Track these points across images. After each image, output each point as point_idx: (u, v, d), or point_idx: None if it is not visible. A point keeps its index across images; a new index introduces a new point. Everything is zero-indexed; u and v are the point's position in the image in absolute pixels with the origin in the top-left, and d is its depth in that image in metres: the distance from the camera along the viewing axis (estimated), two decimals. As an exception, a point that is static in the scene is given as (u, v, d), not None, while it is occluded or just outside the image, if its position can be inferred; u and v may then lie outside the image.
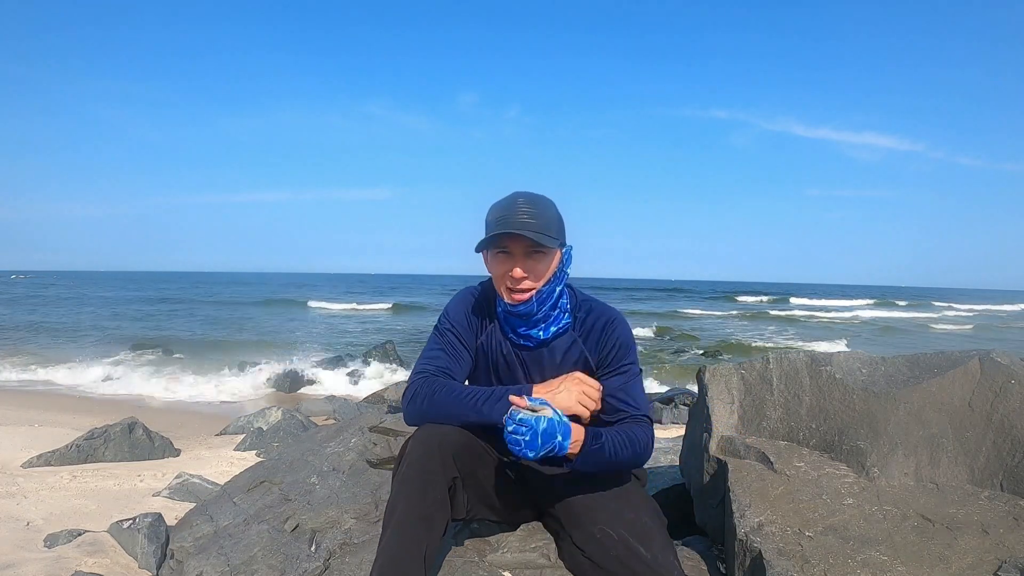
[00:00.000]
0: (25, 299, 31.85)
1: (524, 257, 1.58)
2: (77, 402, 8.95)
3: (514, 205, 1.57)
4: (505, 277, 1.60)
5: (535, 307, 1.62)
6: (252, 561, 2.00)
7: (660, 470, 2.72)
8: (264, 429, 5.77)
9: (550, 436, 1.42)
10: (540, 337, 1.68)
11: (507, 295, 1.62)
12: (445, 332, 1.72)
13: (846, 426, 1.96)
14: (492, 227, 1.58)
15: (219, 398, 9.66)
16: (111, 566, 2.45)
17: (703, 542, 2.01)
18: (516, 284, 1.58)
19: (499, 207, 1.60)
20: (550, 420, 1.43)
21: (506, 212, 1.57)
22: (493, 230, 1.56)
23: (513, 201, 1.59)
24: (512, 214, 1.55)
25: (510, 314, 1.66)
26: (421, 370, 1.66)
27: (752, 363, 2.18)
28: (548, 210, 1.61)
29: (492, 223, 1.58)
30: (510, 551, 1.75)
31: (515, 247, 1.57)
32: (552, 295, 1.64)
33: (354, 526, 2.06)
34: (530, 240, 1.54)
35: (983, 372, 1.97)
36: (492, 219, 1.59)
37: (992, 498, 1.77)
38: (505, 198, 1.62)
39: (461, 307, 1.75)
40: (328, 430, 3.17)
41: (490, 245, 1.59)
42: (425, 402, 1.58)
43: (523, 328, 1.68)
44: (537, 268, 1.59)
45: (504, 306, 1.66)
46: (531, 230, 1.54)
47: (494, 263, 1.62)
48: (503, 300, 1.65)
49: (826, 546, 1.58)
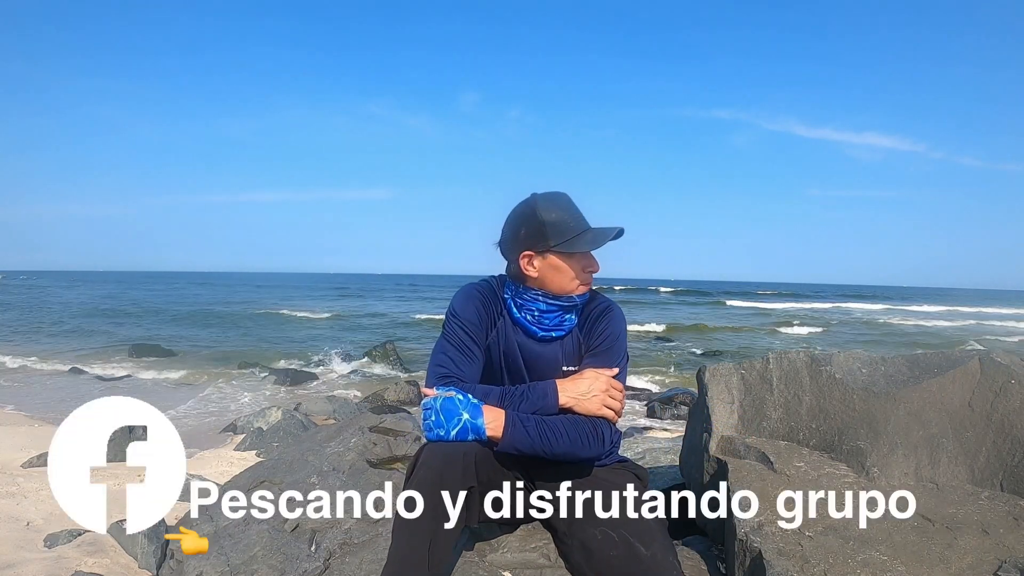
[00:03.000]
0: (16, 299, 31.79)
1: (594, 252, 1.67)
2: (77, 402, 8.93)
3: (576, 207, 1.66)
4: (581, 273, 1.65)
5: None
6: (252, 561, 2.01)
7: (660, 470, 2.72)
8: (264, 429, 5.76)
9: (452, 413, 1.48)
10: (574, 322, 1.72)
11: (580, 288, 1.67)
12: (455, 331, 1.69)
13: (846, 426, 1.96)
14: (573, 229, 1.62)
15: (219, 398, 9.66)
16: (111, 566, 2.46)
17: (703, 542, 2.01)
18: (591, 277, 1.67)
19: (567, 209, 1.65)
20: (449, 399, 1.50)
21: (579, 214, 1.65)
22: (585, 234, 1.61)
23: (572, 202, 1.66)
24: (585, 219, 1.65)
25: (566, 308, 1.68)
26: (439, 375, 1.62)
27: (752, 363, 2.18)
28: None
29: (569, 224, 1.62)
30: (510, 551, 1.75)
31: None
32: None
33: (354, 526, 2.06)
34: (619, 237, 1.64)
35: (983, 372, 1.97)
36: (567, 220, 1.62)
37: (992, 498, 1.77)
38: (562, 198, 1.66)
39: (469, 304, 1.72)
40: (328, 430, 3.17)
41: (591, 245, 1.63)
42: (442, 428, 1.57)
43: (565, 319, 1.70)
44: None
45: (545, 305, 1.67)
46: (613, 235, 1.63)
47: (570, 261, 1.64)
48: (562, 296, 1.66)
49: (826, 546, 1.58)
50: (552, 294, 1.66)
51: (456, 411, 1.49)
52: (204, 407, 8.52)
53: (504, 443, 1.52)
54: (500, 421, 1.51)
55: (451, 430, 1.48)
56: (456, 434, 1.48)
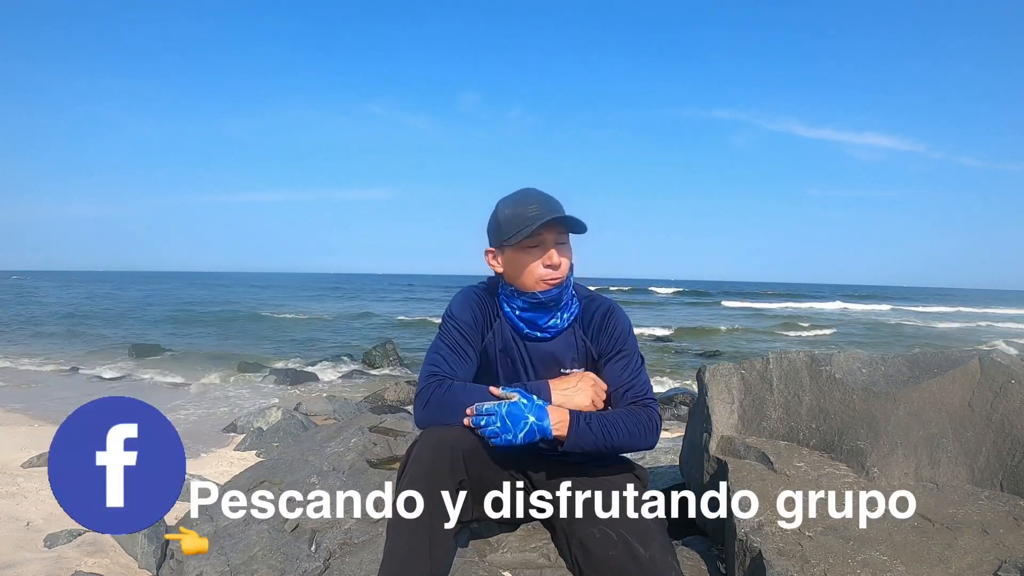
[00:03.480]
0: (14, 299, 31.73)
1: (554, 244, 1.61)
2: (76, 402, 8.94)
3: (539, 196, 1.61)
4: (536, 269, 1.61)
5: (563, 292, 1.65)
6: (252, 561, 2.01)
7: (660, 470, 2.72)
8: (264, 429, 5.76)
9: (518, 418, 1.47)
10: (560, 326, 1.69)
11: (542, 285, 1.63)
12: (450, 332, 1.70)
13: (846, 426, 1.97)
14: (522, 221, 1.58)
15: (219, 398, 9.66)
16: (111, 566, 2.46)
17: (703, 542, 2.01)
18: (555, 272, 1.61)
19: (519, 202, 1.61)
20: (514, 404, 1.48)
21: (536, 202, 1.59)
22: (527, 222, 1.57)
23: (530, 194, 1.62)
24: (543, 203, 1.59)
25: (538, 307, 1.66)
26: (430, 372, 1.65)
27: (752, 363, 2.18)
28: (560, 203, 1.65)
29: (519, 217, 1.59)
30: (510, 551, 1.75)
31: (548, 236, 1.60)
32: (569, 282, 1.68)
33: (354, 526, 2.06)
34: (563, 227, 1.59)
35: (983, 372, 1.97)
36: (517, 214, 1.59)
37: (992, 498, 1.77)
38: (519, 194, 1.64)
39: (466, 306, 1.74)
40: (328, 430, 3.17)
41: (528, 234, 1.58)
42: (438, 405, 1.58)
43: (544, 319, 1.68)
44: (566, 253, 1.63)
45: (525, 302, 1.66)
46: (567, 213, 1.58)
47: (524, 256, 1.62)
48: (525, 296, 1.65)
49: (826, 546, 1.59)
50: (525, 291, 1.66)
51: (522, 415, 1.48)
52: (204, 407, 8.51)
53: (570, 443, 1.53)
54: (565, 421, 1.52)
55: (518, 434, 1.47)
56: (523, 437, 1.48)
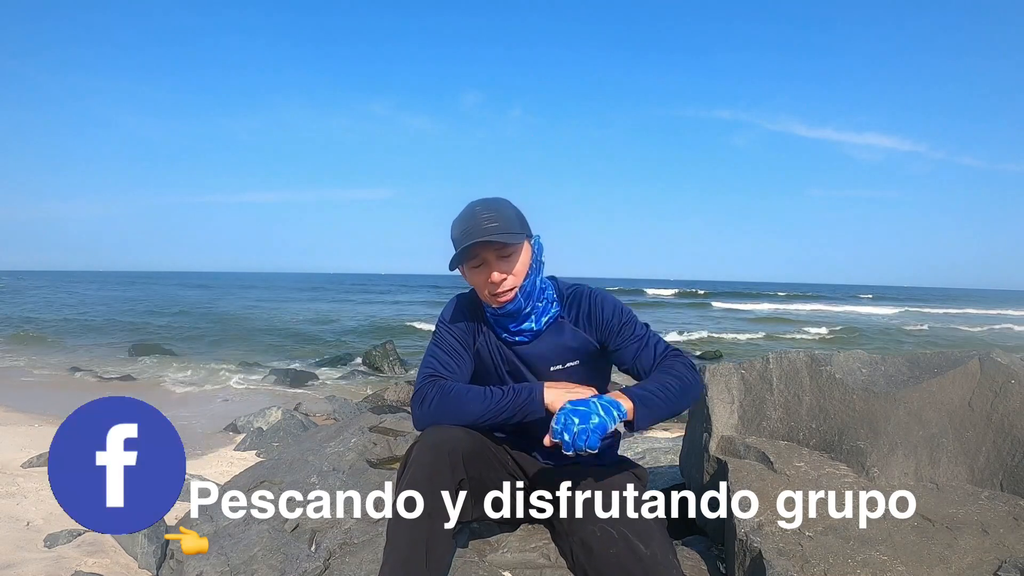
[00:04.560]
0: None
1: (497, 261, 1.60)
2: (76, 402, 8.93)
3: (472, 216, 1.60)
4: (486, 285, 1.62)
5: (522, 303, 1.64)
6: (252, 561, 2.01)
7: (660, 470, 2.72)
8: (264, 429, 5.76)
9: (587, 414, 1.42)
10: (534, 328, 1.69)
11: (493, 301, 1.64)
12: (444, 336, 1.74)
13: (846, 426, 1.97)
14: (458, 242, 1.60)
15: (219, 398, 9.67)
16: (111, 566, 2.46)
17: (703, 542, 2.01)
18: (497, 288, 1.60)
19: (459, 222, 1.62)
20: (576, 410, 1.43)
21: (467, 224, 1.59)
22: (459, 245, 1.58)
23: (471, 212, 1.61)
24: (473, 225, 1.58)
25: (500, 316, 1.67)
26: (428, 374, 1.67)
27: (752, 363, 2.18)
28: (505, 209, 1.63)
29: (457, 239, 1.61)
30: (510, 551, 1.75)
31: (486, 254, 1.59)
32: (535, 287, 1.66)
33: (354, 526, 2.06)
34: (497, 243, 1.56)
35: (983, 372, 1.97)
36: (456, 235, 1.61)
37: (992, 498, 1.77)
38: (462, 212, 1.64)
39: (456, 312, 1.77)
40: (328, 430, 3.17)
41: (462, 260, 1.61)
42: (436, 405, 1.59)
43: (514, 325, 1.68)
44: (512, 267, 1.61)
45: (492, 312, 1.68)
46: (494, 233, 1.55)
47: (471, 276, 1.65)
48: (490, 306, 1.67)
49: (826, 546, 1.59)
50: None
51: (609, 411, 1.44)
52: (204, 407, 8.51)
53: (638, 424, 1.50)
54: (629, 404, 1.48)
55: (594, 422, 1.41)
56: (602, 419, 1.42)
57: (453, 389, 1.60)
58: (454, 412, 1.58)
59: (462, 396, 1.59)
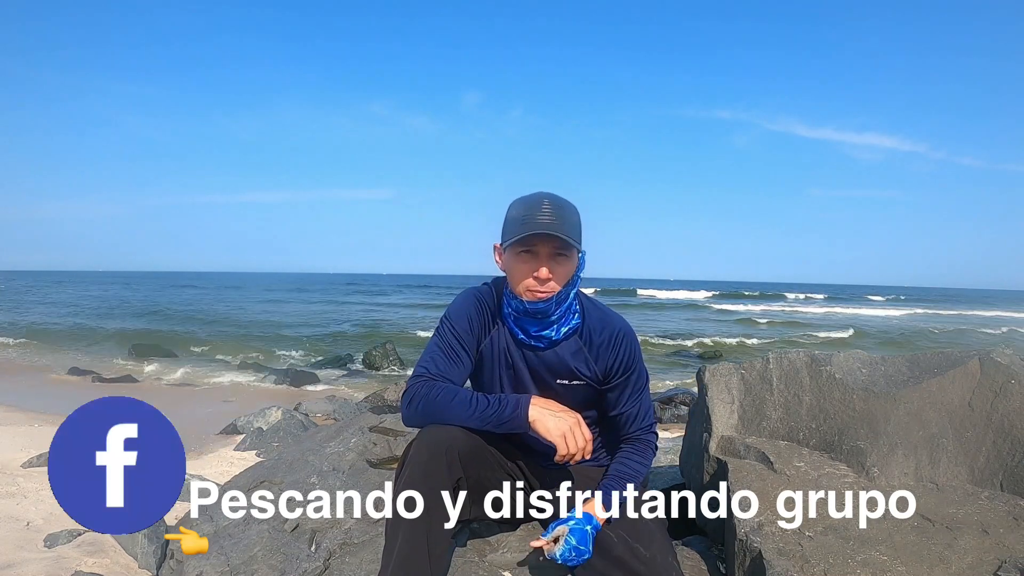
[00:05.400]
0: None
1: (549, 258, 1.55)
2: (76, 402, 8.93)
3: (541, 205, 1.54)
4: (528, 276, 1.57)
5: (552, 306, 1.59)
6: (252, 561, 2.01)
7: (660, 470, 2.72)
8: (264, 429, 5.76)
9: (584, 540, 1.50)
10: (552, 337, 1.65)
11: (528, 294, 1.58)
12: (445, 334, 1.69)
13: (846, 426, 1.97)
14: (519, 225, 1.54)
15: (219, 398, 9.66)
16: (111, 566, 2.46)
17: (703, 542, 2.01)
18: (541, 284, 1.56)
19: (526, 205, 1.56)
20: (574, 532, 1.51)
21: (534, 211, 1.54)
22: (521, 229, 1.53)
23: (540, 201, 1.56)
24: (541, 214, 1.53)
25: (525, 314, 1.62)
26: (419, 373, 1.65)
27: (752, 363, 2.18)
28: (573, 214, 1.59)
29: (519, 221, 1.55)
30: (510, 551, 1.75)
31: (542, 247, 1.55)
32: (567, 298, 1.62)
33: (354, 526, 2.06)
34: (559, 242, 1.53)
35: (983, 372, 1.97)
36: (518, 216, 1.55)
37: (992, 498, 1.77)
38: (531, 196, 1.59)
39: (464, 308, 1.71)
40: (328, 430, 3.17)
41: (518, 244, 1.55)
42: (422, 405, 1.57)
43: (535, 328, 1.64)
44: (560, 270, 1.57)
45: (517, 306, 1.62)
46: (561, 232, 1.52)
47: (516, 261, 1.58)
48: (518, 299, 1.61)
49: (826, 546, 1.59)
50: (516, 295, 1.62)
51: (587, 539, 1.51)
52: (204, 407, 8.51)
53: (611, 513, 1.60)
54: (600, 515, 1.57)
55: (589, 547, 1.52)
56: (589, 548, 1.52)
57: (440, 392, 1.57)
58: (437, 416, 1.55)
59: (448, 400, 1.55)
